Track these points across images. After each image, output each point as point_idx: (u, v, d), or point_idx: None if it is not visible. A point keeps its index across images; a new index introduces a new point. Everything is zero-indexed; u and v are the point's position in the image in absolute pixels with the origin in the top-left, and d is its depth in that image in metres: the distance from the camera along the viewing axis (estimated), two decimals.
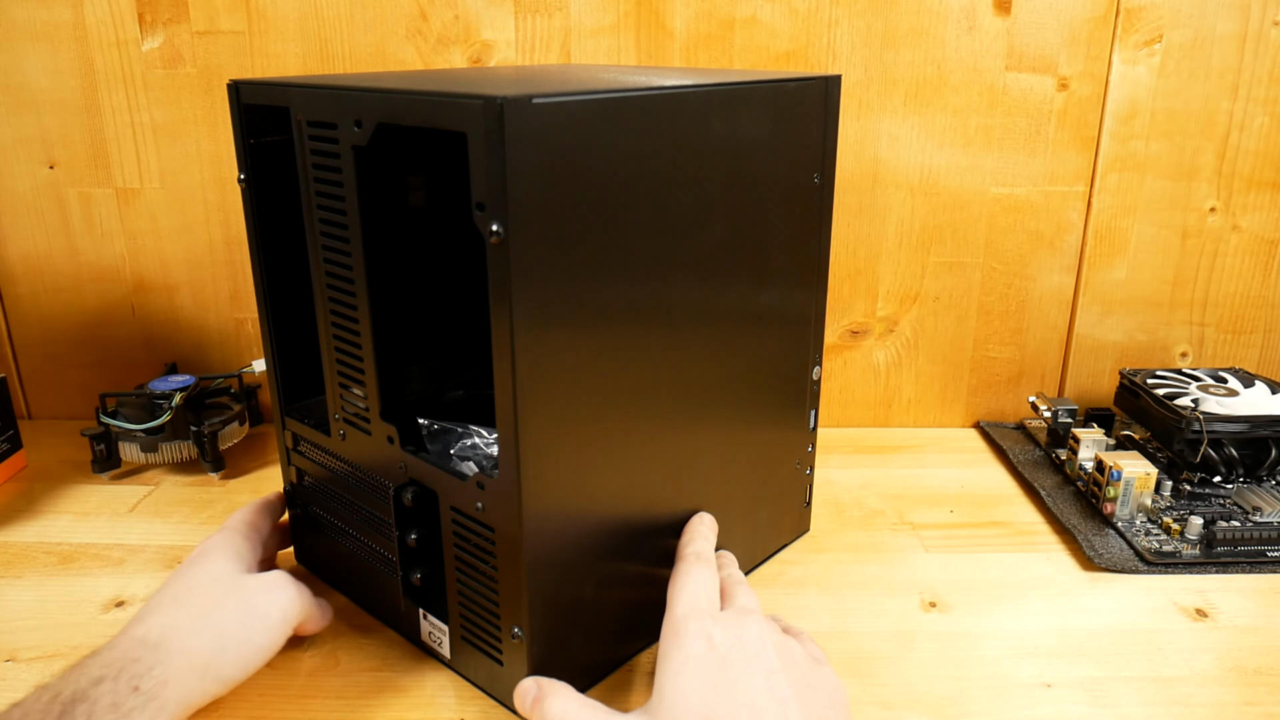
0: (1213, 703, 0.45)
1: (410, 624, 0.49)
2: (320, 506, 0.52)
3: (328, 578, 0.55)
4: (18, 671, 0.47)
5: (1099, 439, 0.67)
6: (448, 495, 0.44)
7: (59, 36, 0.69)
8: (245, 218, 0.49)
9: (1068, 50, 0.69)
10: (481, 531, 0.42)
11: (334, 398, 0.48)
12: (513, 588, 0.41)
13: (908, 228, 0.74)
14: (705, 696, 0.36)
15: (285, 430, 0.52)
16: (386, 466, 0.46)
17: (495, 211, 0.35)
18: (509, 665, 0.43)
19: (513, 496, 0.39)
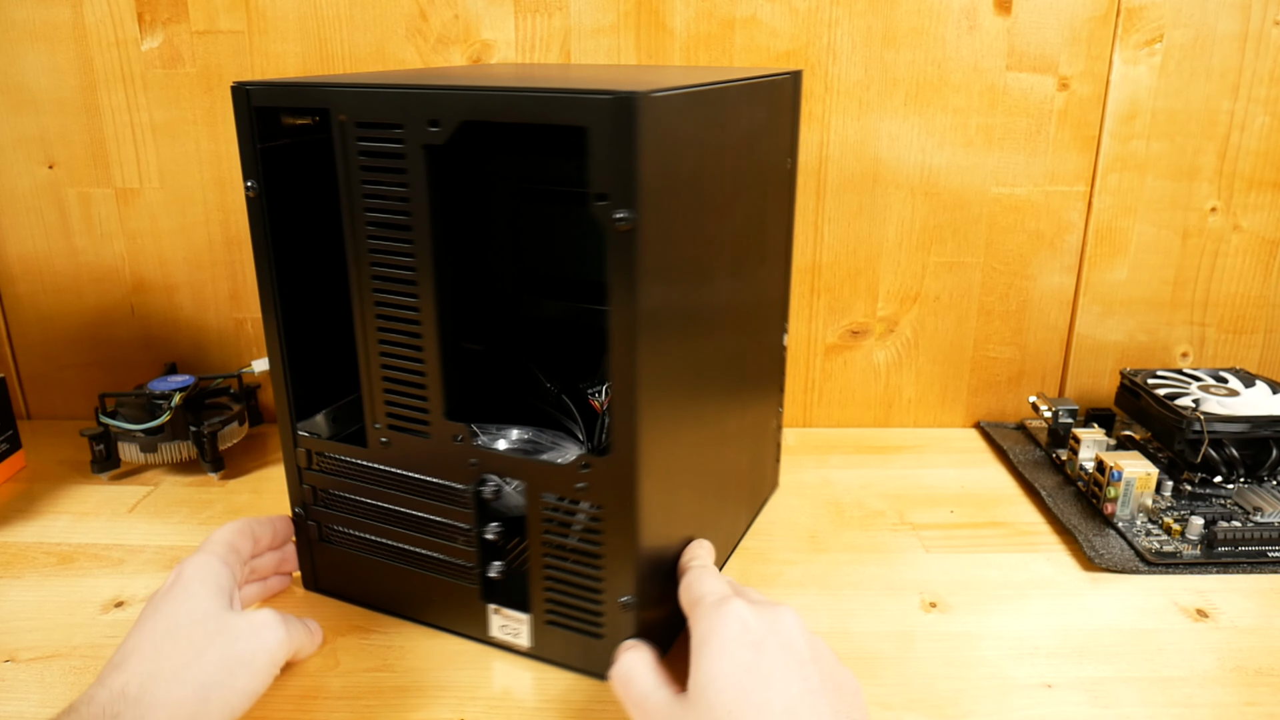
0: (1213, 703, 0.45)
1: (475, 622, 0.49)
2: (345, 524, 0.51)
3: (353, 595, 0.53)
4: (17, 672, 0.47)
5: (1099, 439, 0.67)
6: (539, 483, 0.44)
7: (58, 36, 0.69)
8: (253, 227, 0.47)
9: (1068, 50, 0.69)
10: (584, 511, 0.44)
11: (376, 406, 0.47)
12: (622, 559, 0.44)
13: (908, 228, 0.73)
14: (740, 679, 0.37)
15: (298, 449, 0.50)
16: (451, 466, 0.46)
17: (622, 201, 0.38)
18: (610, 635, 0.45)
19: (628, 471, 0.42)
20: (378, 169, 0.42)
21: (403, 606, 0.51)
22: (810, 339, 0.77)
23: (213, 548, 0.46)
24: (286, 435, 0.51)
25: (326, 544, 0.52)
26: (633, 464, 0.42)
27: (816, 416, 0.79)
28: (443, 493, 0.47)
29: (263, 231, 0.47)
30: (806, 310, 0.76)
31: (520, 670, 0.48)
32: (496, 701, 0.45)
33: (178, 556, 0.58)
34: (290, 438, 0.50)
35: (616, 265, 0.39)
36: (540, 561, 0.46)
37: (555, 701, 0.45)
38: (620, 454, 0.42)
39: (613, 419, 0.42)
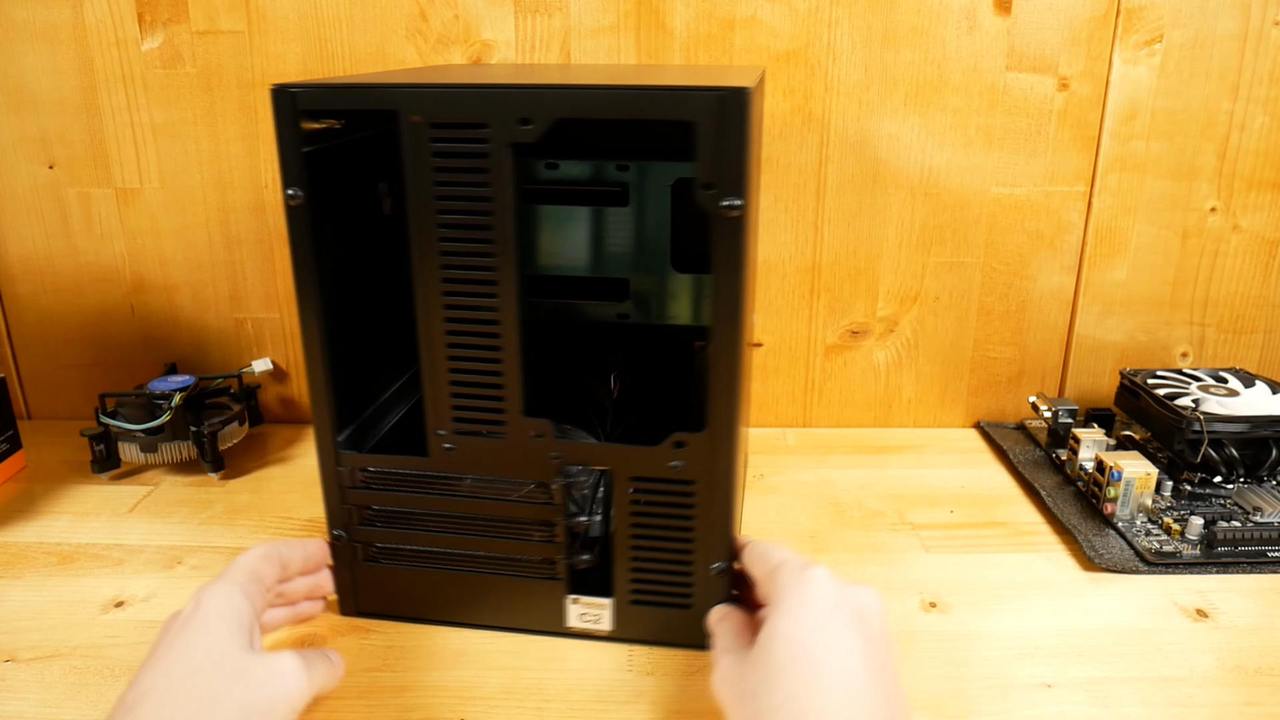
0: (1213, 703, 0.45)
1: (549, 616, 0.50)
2: (396, 540, 0.50)
3: (403, 613, 0.52)
4: (17, 672, 0.47)
5: (1099, 439, 0.67)
6: (628, 467, 0.46)
7: (59, 36, 0.69)
8: (294, 237, 0.44)
9: (1068, 50, 0.69)
10: (677, 489, 0.46)
11: (441, 411, 0.46)
12: (715, 528, 0.46)
13: (908, 228, 0.73)
14: (804, 640, 0.37)
15: (341, 468, 0.48)
16: (530, 463, 0.46)
17: (730, 189, 0.40)
18: (700, 603, 0.47)
19: (727, 445, 0.44)
20: (456, 169, 0.42)
21: (463, 614, 0.51)
22: (810, 339, 0.77)
23: (234, 576, 0.43)
24: (327, 456, 0.48)
25: (372, 564, 0.50)
26: (731, 437, 0.44)
27: (816, 416, 0.79)
28: (520, 490, 0.47)
29: (307, 242, 0.45)
30: (806, 310, 0.76)
31: (521, 670, 0.48)
32: (497, 701, 0.45)
33: (178, 557, 0.58)
34: (331, 457, 0.48)
35: (723, 250, 0.41)
36: (627, 543, 0.47)
37: (555, 700, 0.45)
38: (720, 428, 0.44)
39: (712, 394, 0.44)
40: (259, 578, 0.44)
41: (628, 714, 0.44)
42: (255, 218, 0.74)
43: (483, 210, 0.42)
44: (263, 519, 0.63)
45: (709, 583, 0.47)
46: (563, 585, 0.49)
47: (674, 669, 0.48)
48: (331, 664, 0.45)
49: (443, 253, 0.43)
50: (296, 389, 0.79)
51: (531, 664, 0.48)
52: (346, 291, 0.49)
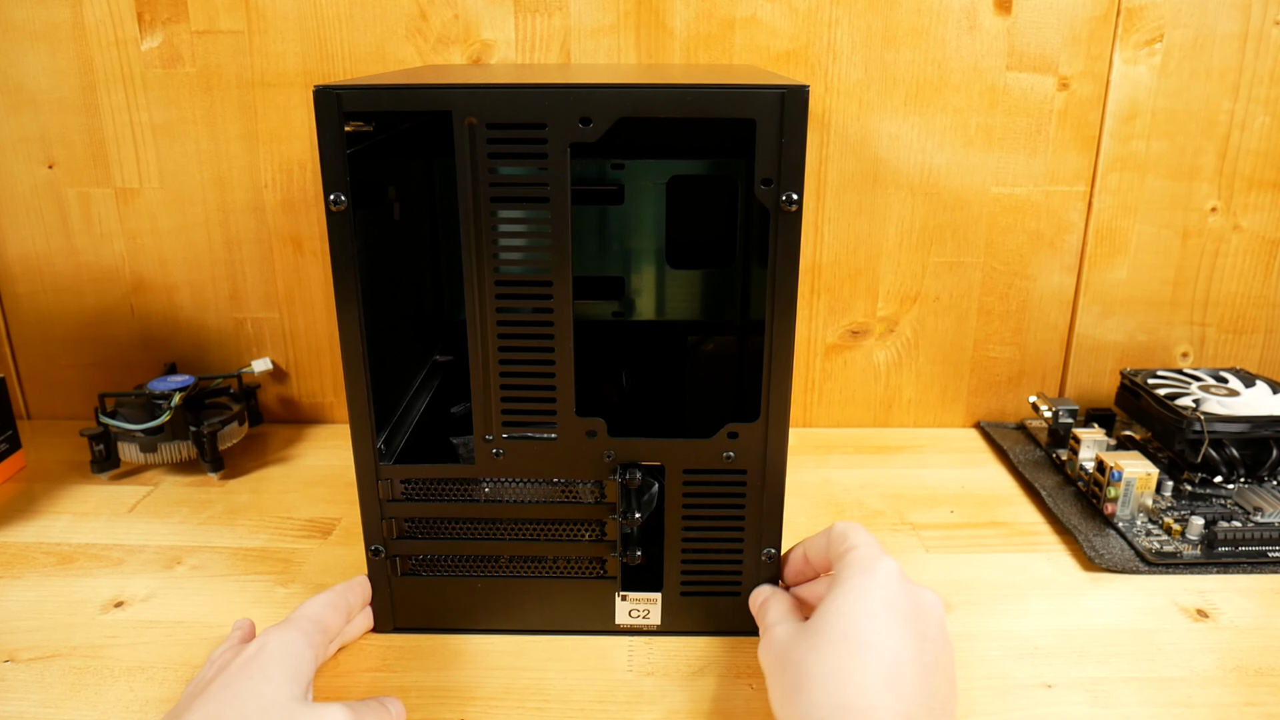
0: (1214, 703, 0.45)
1: (598, 615, 0.50)
2: (438, 550, 0.49)
3: (443, 625, 0.51)
4: (17, 672, 0.47)
5: (1100, 439, 0.67)
6: (680, 460, 0.47)
7: (58, 36, 0.69)
8: (335, 244, 0.43)
9: (1068, 50, 0.69)
10: (728, 479, 0.47)
11: (491, 416, 0.46)
12: (766, 515, 0.47)
13: (908, 228, 0.73)
14: (860, 620, 0.38)
15: (382, 480, 0.47)
16: (583, 462, 0.47)
17: (789, 184, 0.42)
18: (750, 587, 0.49)
19: (780, 433, 0.46)
20: (513, 170, 0.42)
21: (506, 620, 0.50)
22: (810, 339, 0.77)
23: (303, 625, 0.42)
24: (366, 470, 0.47)
25: (411, 578, 0.50)
26: (783, 426, 0.45)
27: (816, 416, 0.79)
28: (571, 492, 0.48)
29: (349, 248, 0.43)
30: (806, 310, 0.76)
31: (521, 670, 0.48)
32: (497, 701, 0.45)
33: (177, 557, 0.58)
34: (371, 470, 0.47)
35: (782, 242, 0.43)
36: (678, 536, 0.48)
37: (555, 701, 0.45)
38: (774, 416, 0.45)
39: (766, 382, 0.45)
40: (324, 627, 0.44)
41: (628, 714, 0.44)
42: (255, 217, 0.74)
43: (540, 210, 0.43)
44: (262, 519, 0.63)
45: (759, 569, 0.49)
46: (613, 584, 0.49)
47: (674, 669, 0.48)
48: (389, 713, 0.43)
49: (497, 255, 0.43)
50: (296, 389, 0.79)
51: (531, 664, 0.48)
52: (371, 298, 0.49)
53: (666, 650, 0.49)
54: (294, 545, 0.60)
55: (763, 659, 0.41)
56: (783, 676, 0.39)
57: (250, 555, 0.58)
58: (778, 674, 0.39)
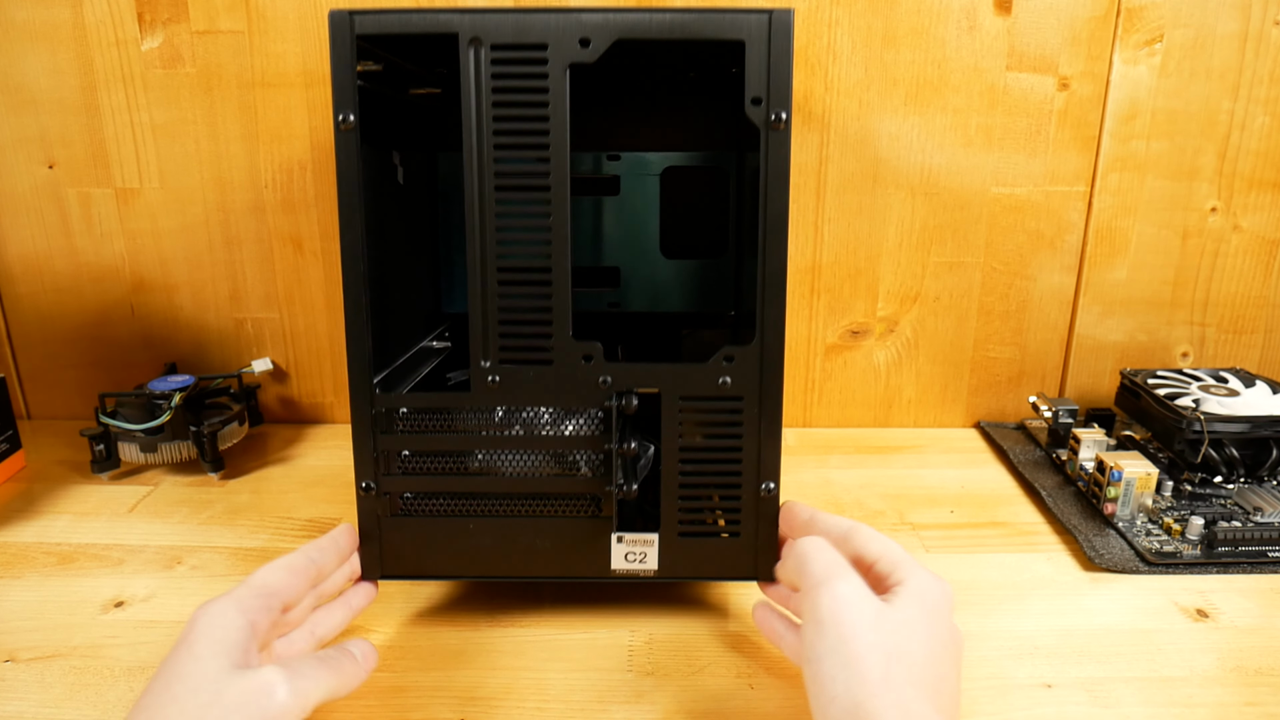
0: (1214, 703, 0.45)
1: (593, 559, 0.49)
2: (428, 488, 0.49)
3: (431, 571, 0.49)
4: (17, 672, 0.47)
5: (1099, 439, 0.67)
6: (677, 386, 0.46)
7: (58, 36, 0.69)
8: (341, 163, 0.44)
9: (1068, 50, 0.69)
10: (726, 406, 0.46)
11: (489, 342, 0.46)
12: (764, 446, 0.47)
13: (908, 228, 0.73)
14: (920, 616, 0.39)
15: (375, 409, 0.47)
16: (579, 389, 0.46)
17: (778, 102, 0.43)
18: (749, 532, 0.48)
19: (775, 356, 0.46)
20: (515, 89, 0.44)
21: (499, 565, 0.49)
22: (810, 339, 0.77)
23: (238, 593, 0.41)
24: (361, 397, 0.47)
25: (402, 520, 0.48)
26: (779, 349, 0.45)
27: (816, 416, 0.79)
28: (566, 420, 0.47)
29: (354, 167, 0.45)
30: (806, 310, 0.76)
31: (521, 670, 0.48)
32: (497, 701, 0.45)
33: (178, 557, 0.58)
34: (366, 398, 0.47)
35: (772, 161, 0.44)
36: (675, 470, 0.47)
37: (555, 701, 0.45)
38: (768, 340, 0.46)
39: (760, 305, 0.45)
40: (270, 591, 0.42)
41: (628, 714, 0.44)
42: (255, 217, 0.74)
43: (539, 131, 0.44)
44: (262, 519, 0.63)
45: (759, 507, 0.48)
46: (608, 525, 0.48)
47: (674, 669, 0.48)
48: (353, 658, 0.42)
49: (498, 174, 0.44)
50: (296, 389, 0.79)
51: (531, 664, 0.48)
52: (376, 249, 0.48)
53: (666, 650, 0.49)
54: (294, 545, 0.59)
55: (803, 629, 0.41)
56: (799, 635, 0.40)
57: (250, 555, 0.58)
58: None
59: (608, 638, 0.50)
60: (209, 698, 0.36)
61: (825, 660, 0.37)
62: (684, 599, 0.53)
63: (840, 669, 0.36)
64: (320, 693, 0.39)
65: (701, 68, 0.61)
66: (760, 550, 0.48)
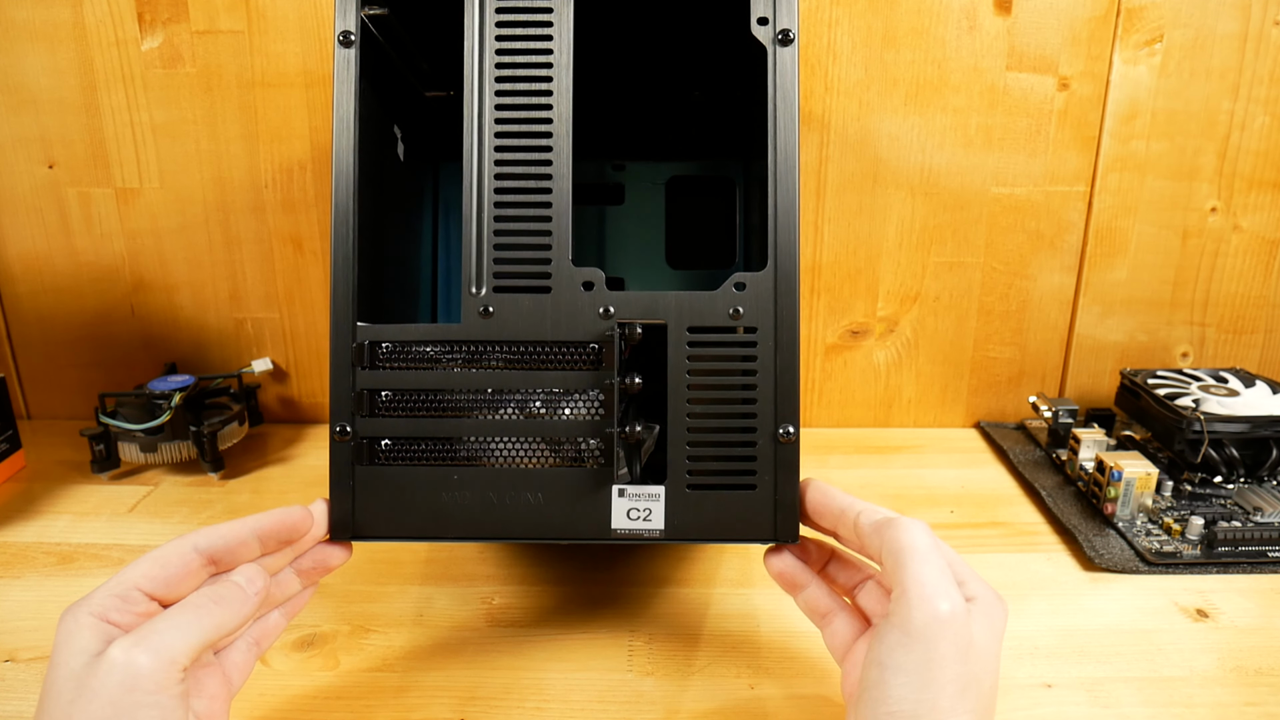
0: (1213, 703, 0.45)
1: (591, 518, 0.44)
2: (412, 430, 0.44)
3: (409, 531, 0.44)
4: (17, 672, 0.47)
5: (1099, 439, 0.67)
6: (685, 316, 0.43)
7: (58, 36, 0.69)
8: (340, 82, 0.43)
9: (1068, 50, 0.69)
10: (738, 339, 0.43)
11: (483, 266, 0.43)
12: (779, 384, 0.43)
13: (908, 228, 0.73)
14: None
15: (356, 343, 0.43)
16: (577, 320, 0.43)
17: (784, 17, 0.44)
18: (765, 482, 0.43)
19: (788, 284, 0.43)
20: (518, 24, 0.43)
21: (487, 525, 0.44)
22: (810, 339, 0.77)
23: (92, 598, 0.36)
24: (342, 329, 0.43)
25: (379, 468, 0.44)
26: (793, 275, 0.43)
27: (816, 416, 0.79)
28: (562, 354, 0.43)
29: (352, 81, 0.43)
30: (806, 310, 0.76)
31: (521, 669, 0.48)
32: (497, 701, 0.45)
33: None
34: (347, 331, 0.43)
35: (780, 81, 0.43)
36: (682, 412, 0.43)
37: (555, 700, 0.45)
38: (782, 265, 0.43)
39: (771, 230, 0.43)
40: (126, 586, 0.36)
41: (628, 714, 0.44)
42: (255, 218, 0.74)
43: (542, 49, 0.43)
44: None
45: (778, 454, 0.43)
46: (609, 476, 0.43)
47: (674, 669, 0.48)
48: (236, 589, 0.37)
49: (506, 90, 0.42)
50: (296, 389, 0.79)
51: (532, 663, 0.48)
52: (369, 189, 0.46)
53: (666, 650, 0.49)
54: None
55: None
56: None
57: None
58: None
59: (608, 638, 0.50)
60: (71, 694, 0.33)
61: (902, 673, 0.35)
62: (685, 598, 0.53)
63: (917, 689, 0.34)
64: (196, 636, 0.35)
65: (706, 85, 0.61)
66: (780, 505, 0.43)
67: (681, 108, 0.65)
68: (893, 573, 0.37)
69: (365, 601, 0.53)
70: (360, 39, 0.43)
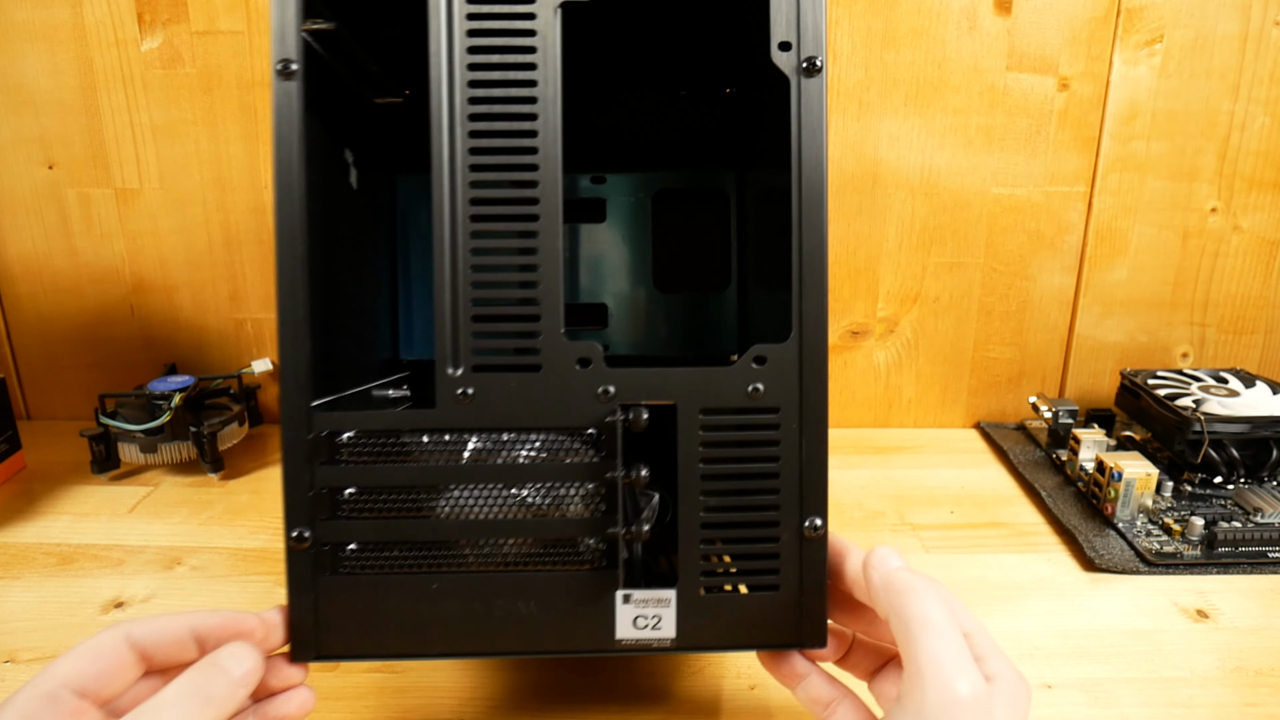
0: (1214, 704, 0.45)
1: (592, 627, 0.39)
2: (381, 534, 0.38)
3: (384, 649, 0.39)
4: (17, 672, 0.47)
5: (1100, 440, 0.67)
6: (697, 397, 0.38)
7: (58, 37, 0.69)
8: (280, 121, 0.37)
9: (1068, 50, 0.69)
10: (759, 420, 0.38)
11: (460, 342, 0.37)
12: (805, 471, 0.38)
13: (908, 228, 0.73)
14: None
15: (313, 434, 0.37)
16: (573, 401, 0.38)
17: (810, 44, 0.38)
18: (789, 581, 0.38)
19: (815, 358, 0.38)
20: (495, 33, 0.37)
21: (472, 639, 0.39)
22: None
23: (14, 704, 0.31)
24: (294, 417, 0.37)
25: (344, 578, 0.38)
26: (821, 346, 0.37)
27: None
28: (554, 443, 0.38)
29: (296, 120, 0.38)
30: None
31: (521, 670, 0.48)
32: (497, 701, 0.45)
33: (177, 558, 0.58)
34: (301, 419, 0.37)
35: (806, 114, 0.38)
36: (695, 504, 0.38)
37: (555, 701, 0.45)
38: (808, 336, 0.38)
39: (796, 294, 0.38)
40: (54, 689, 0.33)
41: (628, 714, 0.44)
42: (255, 218, 0.74)
43: (525, 81, 0.37)
44: (262, 519, 0.63)
45: (804, 551, 0.38)
46: (612, 579, 0.38)
47: (674, 669, 0.48)
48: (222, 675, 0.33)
49: (473, 134, 0.37)
50: None
51: (531, 664, 0.48)
52: (320, 235, 0.41)
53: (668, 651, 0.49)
54: None
55: None
56: None
57: (250, 556, 0.58)
58: None
59: None
60: None
61: None
62: None
63: None
64: None
65: (693, 83, 0.56)
66: (806, 608, 0.39)
67: (667, 108, 0.59)
68: (904, 647, 0.34)
69: None
70: (303, 64, 0.37)
